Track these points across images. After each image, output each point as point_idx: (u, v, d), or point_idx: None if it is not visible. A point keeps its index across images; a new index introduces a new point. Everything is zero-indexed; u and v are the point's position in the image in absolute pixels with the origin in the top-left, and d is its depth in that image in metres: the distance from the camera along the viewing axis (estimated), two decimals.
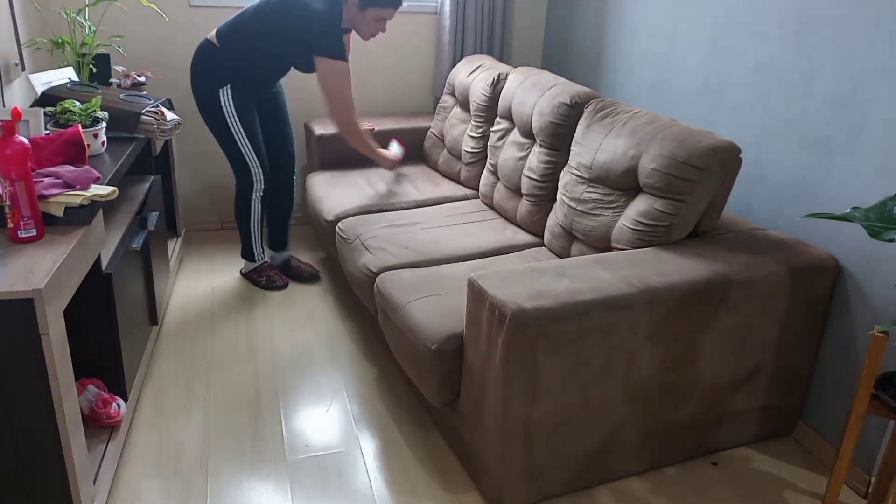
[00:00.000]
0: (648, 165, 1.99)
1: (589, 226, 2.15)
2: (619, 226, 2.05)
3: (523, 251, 2.41)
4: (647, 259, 1.86)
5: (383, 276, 2.21)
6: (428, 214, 2.71)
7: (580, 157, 2.25)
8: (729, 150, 1.91)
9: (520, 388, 1.64)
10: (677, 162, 1.91)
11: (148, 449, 1.99)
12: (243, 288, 2.96)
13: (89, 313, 1.85)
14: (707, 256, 1.87)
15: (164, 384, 2.29)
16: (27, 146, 1.49)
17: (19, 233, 1.53)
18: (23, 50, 2.57)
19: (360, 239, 2.48)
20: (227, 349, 2.50)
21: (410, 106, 3.67)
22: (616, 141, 2.13)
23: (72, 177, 1.69)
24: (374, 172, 3.16)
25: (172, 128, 2.55)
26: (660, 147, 1.98)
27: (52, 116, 2.17)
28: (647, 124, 2.09)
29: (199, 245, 3.38)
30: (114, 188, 1.74)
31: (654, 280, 1.73)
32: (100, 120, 2.18)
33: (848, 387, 1.97)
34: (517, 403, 1.66)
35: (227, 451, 2.00)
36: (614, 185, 2.12)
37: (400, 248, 2.37)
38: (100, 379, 1.93)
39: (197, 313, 2.74)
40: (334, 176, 3.13)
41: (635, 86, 2.92)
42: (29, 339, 1.38)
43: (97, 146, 2.15)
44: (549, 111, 2.44)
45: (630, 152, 2.06)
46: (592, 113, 2.30)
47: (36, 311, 1.36)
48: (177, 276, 3.05)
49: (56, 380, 1.43)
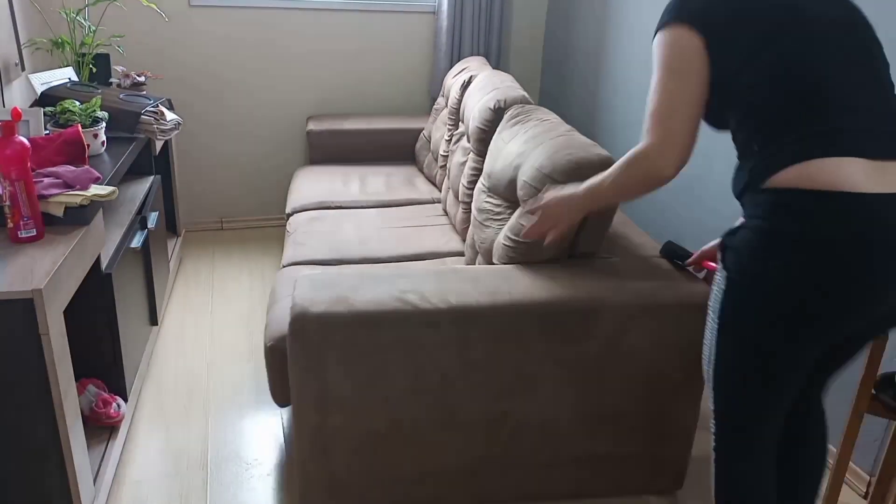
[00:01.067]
0: (522, 177, 1.84)
1: (482, 237, 2.02)
2: (498, 240, 1.89)
3: (441, 259, 2.32)
4: (489, 276, 1.67)
5: (285, 269, 2.18)
6: (384, 215, 2.67)
7: (487, 166, 2.15)
8: (599, 167, 1.63)
9: (310, 396, 1.56)
10: (543, 175, 1.75)
11: (148, 449, 1.99)
12: (243, 288, 2.96)
13: (89, 313, 1.85)
14: (558, 281, 1.65)
15: (164, 384, 2.29)
16: (27, 146, 1.49)
17: (19, 233, 1.53)
18: (23, 50, 2.57)
19: (296, 232, 2.48)
20: (227, 349, 2.50)
21: (407, 106, 3.67)
22: (512, 149, 2.00)
23: (72, 177, 1.69)
24: (362, 170, 3.14)
25: (172, 128, 2.56)
26: (534, 158, 1.83)
27: (52, 116, 2.17)
28: (542, 133, 1.94)
29: (199, 245, 3.38)
30: (114, 188, 1.74)
31: (472, 299, 1.57)
32: (100, 120, 2.18)
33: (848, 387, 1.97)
34: (308, 411, 1.57)
35: (227, 451, 2.00)
36: (503, 195, 1.99)
37: (321, 245, 2.34)
38: (100, 379, 1.94)
39: (197, 313, 2.74)
40: (320, 171, 3.14)
41: (635, 86, 2.92)
42: (29, 339, 1.38)
43: (97, 146, 2.15)
44: (478, 116, 2.36)
45: (515, 162, 1.93)
46: (507, 119, 2.20)
47: (36, 311, 1.36)
48: (177, 276, 3.05)
49: (56, 380, 1.43)
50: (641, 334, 1.65)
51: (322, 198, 2.81)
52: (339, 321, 1.51)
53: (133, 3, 3.06)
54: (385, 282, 1.62)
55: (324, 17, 3.37)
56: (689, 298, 1.65)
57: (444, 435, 1.67)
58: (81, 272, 1.61)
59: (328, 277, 1.64)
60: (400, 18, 3.47)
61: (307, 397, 1.56)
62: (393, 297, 1.55)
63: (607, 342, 1.64)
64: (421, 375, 1.59)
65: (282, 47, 3.36)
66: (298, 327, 1.50)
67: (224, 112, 3.40)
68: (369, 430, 1.63)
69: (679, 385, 1.73)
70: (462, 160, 2.53)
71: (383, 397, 1.60)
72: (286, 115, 3.49)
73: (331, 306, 1.52)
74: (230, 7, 3.22)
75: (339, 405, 1.58)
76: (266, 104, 3.44)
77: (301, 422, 1.59)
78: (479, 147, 2.37)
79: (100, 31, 2.94)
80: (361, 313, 1.51)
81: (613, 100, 3.10)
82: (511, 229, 1.83)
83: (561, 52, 3.56)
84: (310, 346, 1.51)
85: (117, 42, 3.07)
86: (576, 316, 1.61)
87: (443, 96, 3.25)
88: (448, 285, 1.61)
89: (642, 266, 1.78)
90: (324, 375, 1.54)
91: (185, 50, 3.24)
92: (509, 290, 1.61)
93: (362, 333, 1.52)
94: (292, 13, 3.32)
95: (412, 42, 3.54)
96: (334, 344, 1.52)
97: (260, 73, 3.38)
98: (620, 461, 1.80)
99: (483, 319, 1.57)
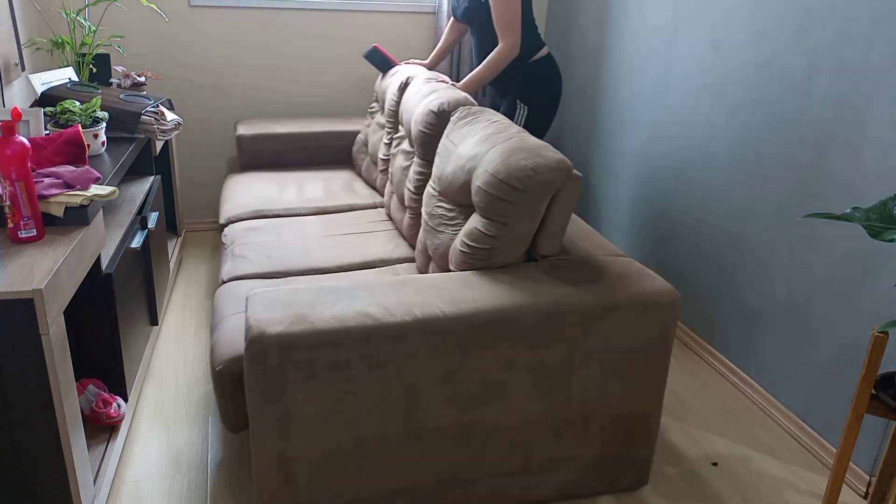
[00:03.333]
0: (477, 182, 1.79)
1: (435, 243, 1.96)
2: (454, 246, 1.84)
3: (391, 267, 2.25)
4: (451, 284, 1.64)
5: (227, 285, 2.06)
6: (324, 222, 2.57)
7: (437, 169, 2.07)
8: (555, 170, 1.67)
9: (270, 421, 1.48)
10: (498, 180, 1.70)
11: (148, 449, 1.99)
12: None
13: (89, 313, 1.85)
14: (521, 286, 1.64)
15: (164, 384, 2.29)
16: (27, 146, 1.49)
17: (19, 233, 1.53)
18: (23, 50, 2.57)
19: (234, 244, 2.36)
20: None
21: None
22: (464, 152, 1.94)
23: (72, 177, 1.69)
24: (298, 175, 3.05)
25: (172, 128, 2.56)
26: (488, 162, 1.78)
27: (52, 116, 2.17)
28: (494, 134, 1.90)
29: (199, 245, 3.38)
30: (114, 188, 1.74)
31: (437, 310, 1.53)
32: (100, 120, 2.18)
33: (848, 387, 1.97)
34: (269, 437, 1.49)
35: (227, 451, 2.00)
36: (454, 200, 1.93)
37: (263, 257, 2.23)
38: (100, 379, 1.94)
39: (197, 313, 2.74)
40: (253, 178, 3.02)
41: (635, 86, 2.92)
42: (29, 339, 1.38)
43: (97, 146, 2.15)
44: (420, 119, 2.28)
45: (468, 165, 1.87)
46: (455, 121, 2.14)
47: (36, 311, 1.36)
48: (177, 276, 3.05)
49: (56, 380, 1.43)
50: (605, 334, 1.65)
51: (258, 206, 2.68)
52: (300, 341, 1.43)
53: (133, 3, 3.06)
54: (344, 296, 1.55)
55: (324, 18, 3.37)
56: (650, 296, 1.66)
57: (413, 450, 1.62)
58: (81, 272, 1.61)
59: (282, 294, 1.56)
60: (400, 18, 3.47)
61: (267, 423, 1.48)
62: (355, 312, 1.49)
63: (573, 344, 1.64)
64: (387, 391, 1.53)
65: (282, 48, 3.36)
66: (256, 351, 1.42)
67: (224, 112, 3.40)
68: (335, 451, 1.56)
69: (643, 382, 1.74)
70: (405, 164, 2.46)
71: (349, 416, 1.54)
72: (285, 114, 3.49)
73: (290, 326, 1.44)
74: (230, 7, 3.22)
75: (301, 428, 1.51)
76: (265, 104, 3.44)
77: (261, 449, 1.51)
78: (422, 151, 2.29)
79: (100, 31, 2.95)
80: (323, 331, 1.44)
81: (613, 100, 3.09)
82: (468, 235, 1.78)
83: (561, 52, 3.56)
84: (270, 370, 1.43)
85: (117, 42, 3.07)
86: (542, 320, 1.59)
87: (376, 101, 3.14)
88: (411, 297, 1.57)
89: (601, 266, 1.78)
90: (285, 399, 1.47)
91: (185, 50, 3.24)
92: (474, 299, 1.58)
93: (325, 352, 1.45)
94: (293, 13, 3.32)
95: (412, 42, 3.55)
96: (296, 365, 1.45)
97: (260, 73, 3.38)
98: (588, 462, 1.79)
99: (450, 330, 1.52)
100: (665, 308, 1.66)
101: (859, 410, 1.53)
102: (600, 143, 3.24)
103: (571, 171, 1.71)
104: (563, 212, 1.76)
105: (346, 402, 1.52)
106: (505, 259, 1.75)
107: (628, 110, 2.99)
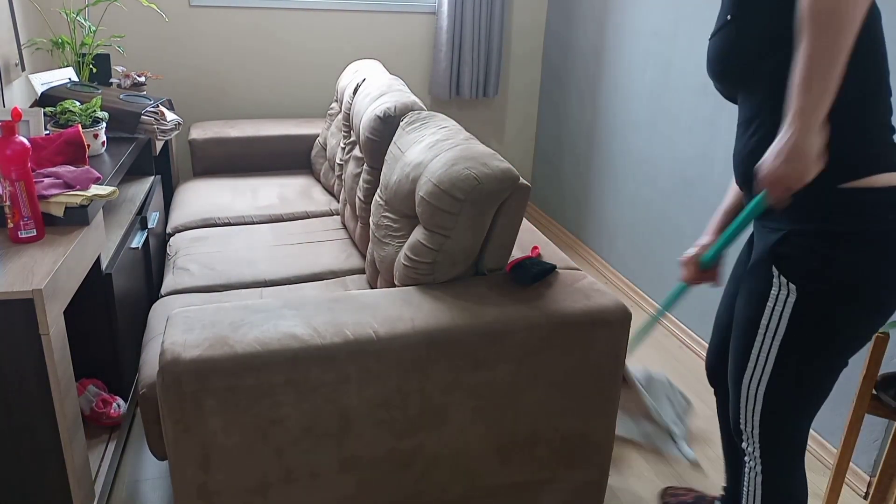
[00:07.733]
0: (420, 192, 1.67)
1: (381, 255, 1.85)
2: (398, 259, 1.72)
3: (341, 279, 2.13)
4: (388, 302, 1.53)
5: (164, 300, 1.96)
6: (276, 231, 2.44)
7: (384, 178, 1.95)
8: (500, 180, 1.56)
9: (188, 452, 1.36)
10: (440, 190, 1.59)
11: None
12: None
13: (89, 313, 1.85)
14: (463, 303, 1.53)
15: None
16: (27, 146, 1.49)
17: (19, 233, 1.53)
18: (23, 50, 2.57)
19: (177, 255, 2.25)
20: None
21: None
22: (409, 159, 1.81)
23: (72, 177, 1.69)
24: (254, 181, 2.93)
25: (172, 128, 2.56)
26: (431, 171, 1.66)
27: (52, 116, 2.17)
28: (441, 141, 1.78)
29: None
30: (114, 188, 1.74)
31: (370, 330, 1.42)
32: (100, 120, 2.18)
33: (848, 387, 1.97)
34: (188, 469, 1.37)
35: None
36: (399, 210, 1.81)
37: (205, 269, 2.11)
38: (100, 379, 1.93)
39: None
40: (206, 184, 2.87)
41: (635, 86, 2.92)
42: (29, 339, 1.38)
43: (97, 146, 2.15)
44: (367, 125, 2.13)
45: (412, 174, 1.73)
46: (403, 127, 2.01)
47: (36, 311, 1.36)
48: None
49: (56, 380, 1.43)
50: (552, 353, 1.55)
51: (207, 214, 2.55)
52: (218, 366, 1.31)
53: (133, 3, 3.06)
54: (272, 316, 1.44)
55: (324, 18, 3.37)
56: (600, 313, 1.56)
57: (348, 481, 1.50)
58: (81, 272, 1.61)
59: (204, 314, 1.44)
60: (400, 18, 3.48)
61: (185, 453, 1.36)
62: (281, 333, 1.38)
63: (518, 364, 1.53)
64: (318, 418, 1.41)
65: (282, 48, 3.36)
66: (170, 377, 1.30)
67: (224, 112, 3.40)
68: (261, 484, 1.43)
69: (593, 403, 1.63)
70: (356, 171, 2.31)
71: (276, 446, 1.41)
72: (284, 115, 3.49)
73: (207, 350, 1.32)
74: (230, 7, 3.22)
75: (223, 460, 1.38)
76: (266, 104, 3.44)
77: (180, 481, 1.38)
78: (370, 158, 2.15)
79: (100, 31, 2.95)
80: (243, 356, 1.33)
81: (613, 100, 3.10)
82: (411, 248, 1.66)
83: (561, 53, 3.56)
84: (184, 398, 1.31)
85: (117, 42, 3.07)
86: (485, 340, 1.48)
87: (336, 100, 2.99)
88: (343, 316, 1.45)
89: (550, 280, 1.68)
90: (203, 429, 1.35)
91: (185, 50, 3.24)
92: (412, 317, 1.47)
93: (247, 378, 1.33)
94: (293, 14, 3.32)
95: (412, 42, 3.55)
96: (214, 393, 1.32)
97: (260, 73, 3.38)
98: (538, 487, 1.68)
99: (383, 352, 1.41)
100: (615, 326, 1.57)
101: (860, 411, 1.53)
102: (600, 143, 3.24)
103: (518, 181, 1.60)
104: (510, 224, 1.64)
105: (271, 430, 1.39)
106: (449, 274, 1.64)
107: (628, 110, 2.99)
